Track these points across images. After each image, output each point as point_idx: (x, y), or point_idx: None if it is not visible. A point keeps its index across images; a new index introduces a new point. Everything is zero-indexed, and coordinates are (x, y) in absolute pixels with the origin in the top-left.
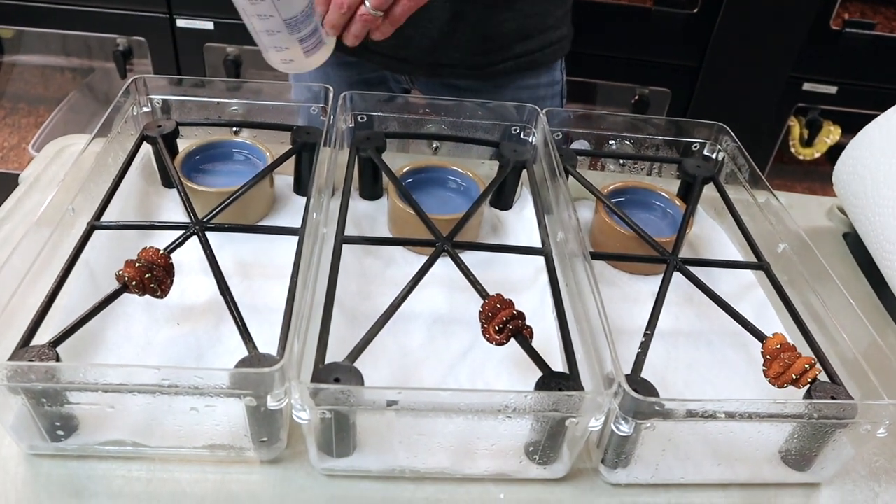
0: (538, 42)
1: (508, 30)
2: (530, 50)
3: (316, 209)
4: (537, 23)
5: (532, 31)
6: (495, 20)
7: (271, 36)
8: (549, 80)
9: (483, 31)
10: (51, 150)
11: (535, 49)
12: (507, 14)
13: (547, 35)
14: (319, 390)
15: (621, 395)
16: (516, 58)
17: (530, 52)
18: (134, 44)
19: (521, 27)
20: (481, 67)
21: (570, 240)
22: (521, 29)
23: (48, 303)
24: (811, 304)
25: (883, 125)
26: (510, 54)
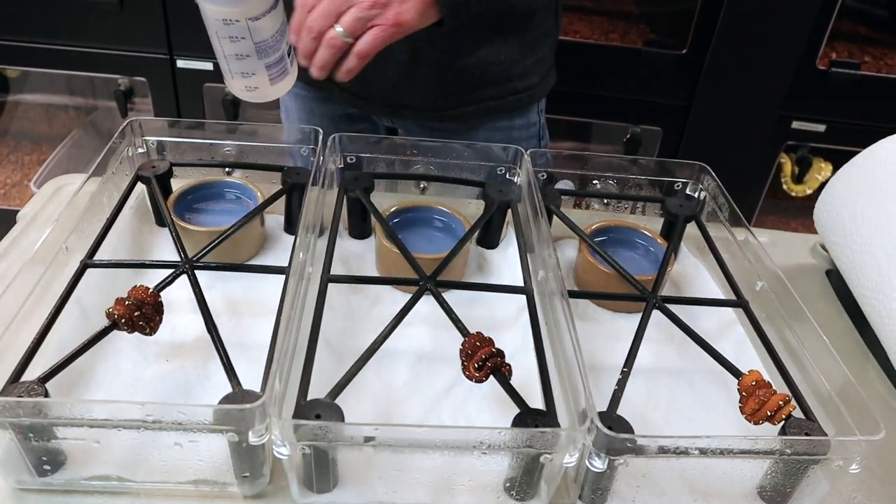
0: (501, 90)
1: (469, 75)
2: (492, 96)
3: (302, 248)
4: (501, 71)
5: (495, 78)
6: (455, 65)
7: (240, 61)
8: (524, 122)
9: (442, 75)
10: (49, 189)
11: (497, 96)
12: (467, 60)
13: (511, 84)
14: (299, 426)
15: (594, 431)
16: (477, 102)
17: (492, 99)
18: (135, 84)
19: (482, 74)
20: (441, 110)
21: (550, 279)
22: (483, 76)
23: (39, 339)
24: (788, 342)
25: (860, 165)
26: (470, 99)
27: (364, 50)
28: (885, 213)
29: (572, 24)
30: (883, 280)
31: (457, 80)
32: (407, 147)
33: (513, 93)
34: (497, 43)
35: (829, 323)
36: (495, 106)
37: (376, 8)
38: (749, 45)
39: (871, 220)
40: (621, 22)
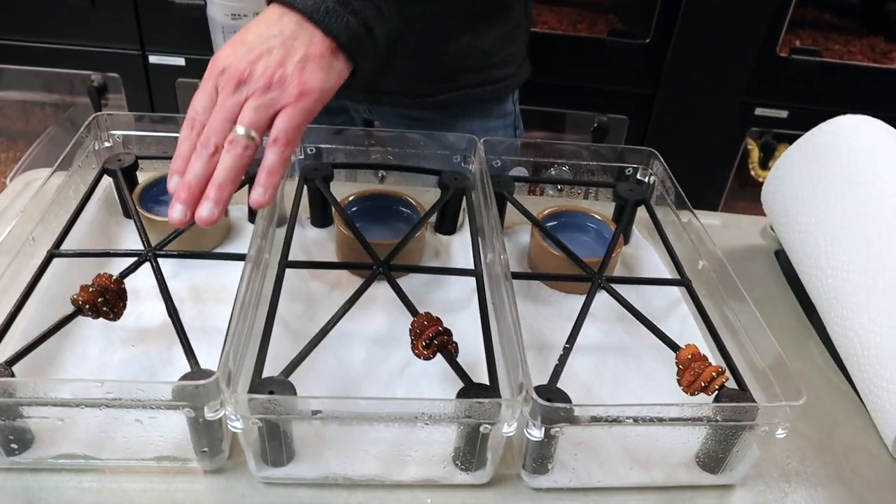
0: (479, 78)
1: (448, 63)
2: (470, 84)
3: (260, 235)
4: (480, 60)
5: (474, 66)
6: (434, 52)
7: None
8: (501, 112)
9: (421, 62)
10: (18, 183)
11: (476, 84)
12: (447, 47)
13: (489, 72)
14: (251, 400)
15: (531, 402)
16: (455, 90)
17: (470, 87)
18: (108, 80)
19: (461, 62)
20: (420, 96)
21: (496, 262)
22: (462, 64)
23: (5, 326)
24: (727, 318)
25: (802, 148)
26: (450, 86)
27: (279, 135)
28: (822, 194)
29: (541, 15)
30: (820, 258)
31: (436, 67)
32: (367, 137)
33: (491, 82)
34: (479, 31)
35: (775, 301)
36: (474, 94)
37: (273, 90)
38: (711, 33)
39: (810, 201)
40: (589, 13)
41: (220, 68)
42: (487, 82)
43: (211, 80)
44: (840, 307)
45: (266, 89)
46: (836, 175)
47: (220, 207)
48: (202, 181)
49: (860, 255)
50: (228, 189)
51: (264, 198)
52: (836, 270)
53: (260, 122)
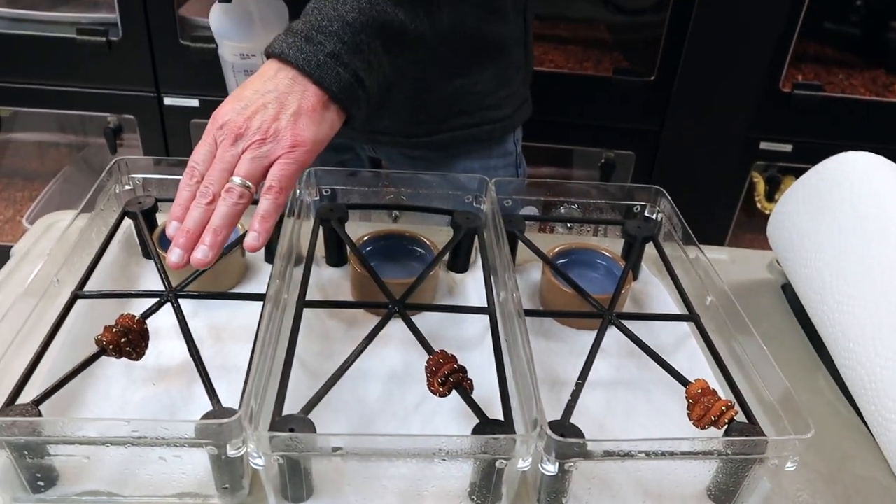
0: (475, 119)
1: (441, 105)
2: (465, 125)
3: (279, 276)
4: (476, 101)
5: (469, 108)
6: (427, 95)
7: None
8: (501, 151)
9: (414, 105)
10: (41, 225)
11: (472, 125)
12: (440, 90)
13: (486, 113)
14: (272, 438)
15: (545, 437)
16: (451, 130)
17: (466, 127)
18: (124, 121)
19: (457, 103)
20: (416, 136)
21: (509, 299)
22: (456, 105)
23: (32, 366)
24: (735, 352)
25: (806, 184)
26: (445, 127)
27: (273, 184)
28: (827, 229)
29: (548, 54)
30: (826, 292)
31: (432, 108)
32: (380, 179)
33: (488, 122)
34: (472, 74)
35: (783, 334)
36: (471, 134)
37: (268, 143)
38: (714, 70)
39: (815, 236)
40: (594, 51)
41: (220, 123)
42: (483, 122)
43: (211, 134)
44: (847, 340)
45: (261, 143)
46: (840, 210)
47: (214, 251)
48: (199, 227)
49: (865, 288)
50: (223, 234)
51: (258, 242)
52: (842, 304)
53: (255, 172)
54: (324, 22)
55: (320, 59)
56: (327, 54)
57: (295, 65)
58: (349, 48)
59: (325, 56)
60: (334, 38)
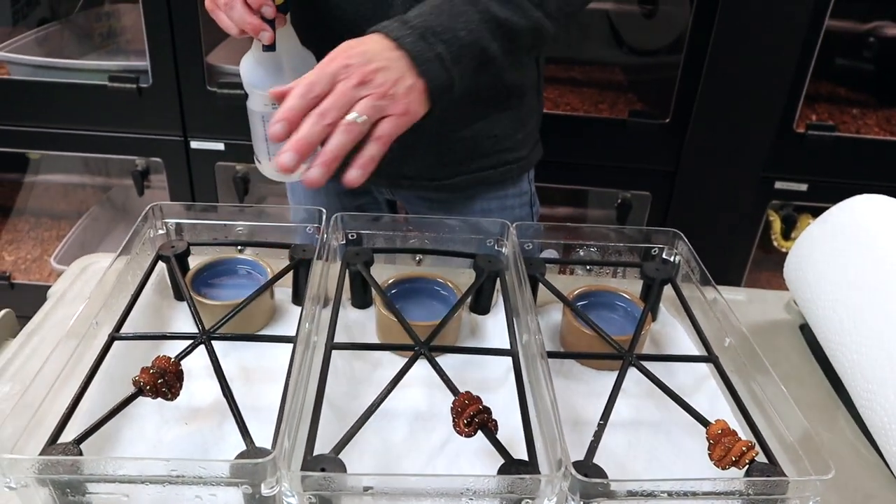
0: (492, 161)
1: (463, 147)
2: (483, 167)
3: (308, 319)
4: (494, 144)
5: (488, 150)
6: (453, 138)
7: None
8: (517, 191)
9: (439, 147)
10: (76, 267)
11: (489, 167)
12: (464, 133)
13: (502, 155)
14: (306, 477)
15: (569, 477)
16: (471, 173)
17: (484, 169)
18: (151, 164)
19: (476, 146)
20: (438, 179)
21: (532, 342)
22: (477, 148)
23: (73, 406)
24: (755, 393)
25: (822, 227)
26: (465, 169)
27: (384, 134)
28: (843, 271)
29: (564, 97)
30: (845, 334)
31: (453, 151)
32: (404, 223)
33: (505, 164)
34: (492, 118)
35: (802, 374)
36: (488, 176)
37: (386, 99)
38: (729, 111)
39: (831, 278)
40: (609, 93)
41: (345, 63)
42: (501, 164)
43: (332, 67)
44: (865, 381)
45: (381, 96)
46: (855, 252)
47: (327, 176)
48: (313, 141)
49: (882, 330)
50: (336, 162)
51: (361, 178)
52: (860, 345)
53: (373, 117)
54: (438, 28)
55: (430, 56)
56: (436, 55)
57: (409, 52)
58: (453, 58)
59: (434, 55)
60: (443, 45)
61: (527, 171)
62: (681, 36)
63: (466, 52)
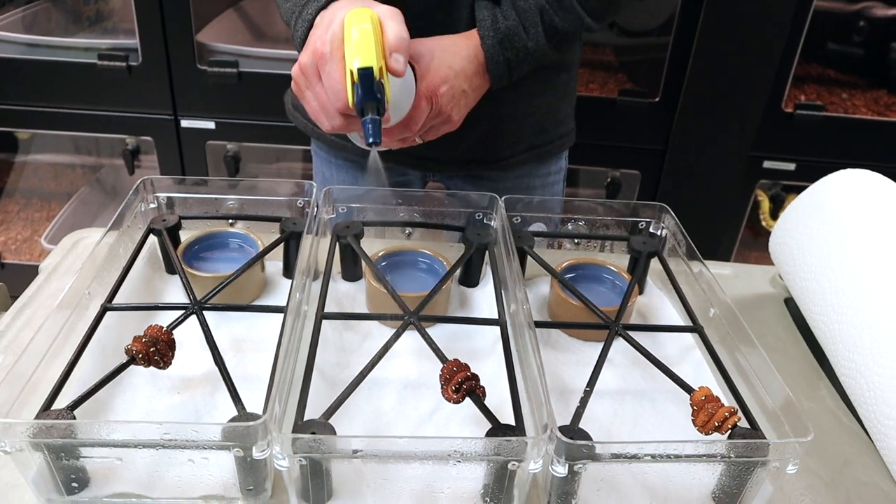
0: (549, 136)
1: (522, 124)
2: (542, 142)
3: (299, 290)
4: (549, 118)
5: (545, 125)
6: (509, 116)
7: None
8: (557, 167)
9: (499, 127)
10: (67, 242)
11: (547, 142)
12: (521, 109)
13: (557, 129)
14: (296, 440)
15: (555, 440)
16: (529, 150)
17: (543, 145)
18: (142, 143)
19: (534, 122)
20: (498, 160)
21: (520, 311)
22: (535, 123)
23: (66, 374)
24: (738, 362)
25: (806, 201)
26: (524, 147)
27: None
28: (827, 244)
29: None
30: (826, 304)
31: (511, 129)
32: (393, 196)
33: (559, 137)
34: (547, 94)
35: (786, 346)
36: (543, 152)
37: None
38: (718, 90)
39: (815, 251)
40: (600, 73)
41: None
42: (555, 139)
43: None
44: (846, 350)
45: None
46: (840, 226)
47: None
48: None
49: (864, 301)
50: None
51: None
52: (842, 316)
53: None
54: (515, 38)
55: (500, 60)
56: (505, 59)
57: (485, 54)
58: (518, 61)
59: (503, 59)
60: (513, 52)
61: (571, 144)
62: (671, 16)
63: (529, 60)
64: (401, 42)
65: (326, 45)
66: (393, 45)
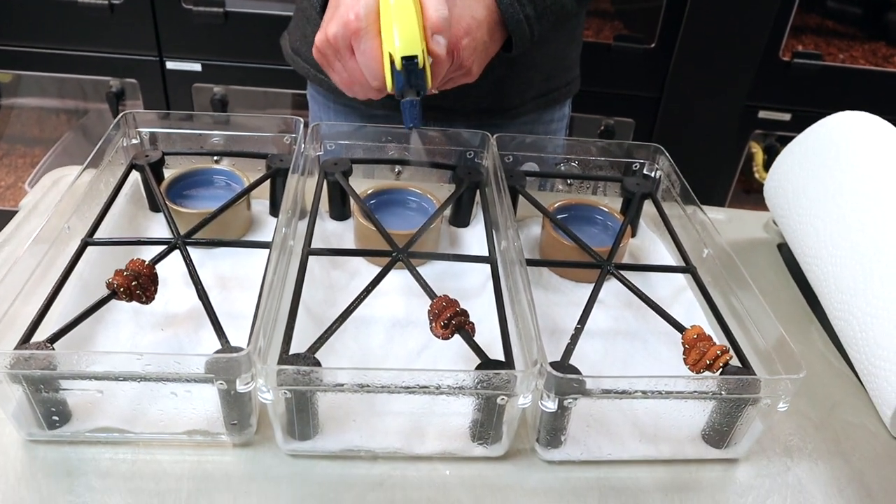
0: (557, 81)
1: (533, 72)
2: (550, 89)
3: (284, 224)
4: (557, 64)
5: (553, 71)
6: (521, 63)
7: None
8: (561, 114)
9: (510, 76)
10: (48, 180)
11: (554, 89)
12: (533, 56)
13: (565, 75)
14: (281, 371)
15: (545, 374)
16: (537, 97)
17: (550, 92)
18: (126, 85)
19: (545, 69)
20: (506, 109)
21: (510, 248)
22: (545, 70)
23: (45, 307)
24: (731, 303)
25: (802, 143)
26: (532, 94)
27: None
28: (822, 186)
29: None
30: (820, 246)
31: (523, 77)
32: (383, 134)
33: (566, 83)
34: (559, 39)
35: (778, 291)
36: (551, 99)
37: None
38: (714, 38)
39: (811, 193)
40: (595, 19)
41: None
42: (562, 85)
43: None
44: (839, 292)
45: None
46: (836, 168)
47: None
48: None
49: (857, 242)
50: None
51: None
52: (835, 258)
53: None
54: None
55: (519, 17)
56: (525, 15)
57: (503, 13)
58: (537, 16)
59: (523, 16)
60: (531, 7)
61: (576, 91)
62: None
63: (549, 13)
64: (443, 22)
65: (361, 20)
66: (435, 24)
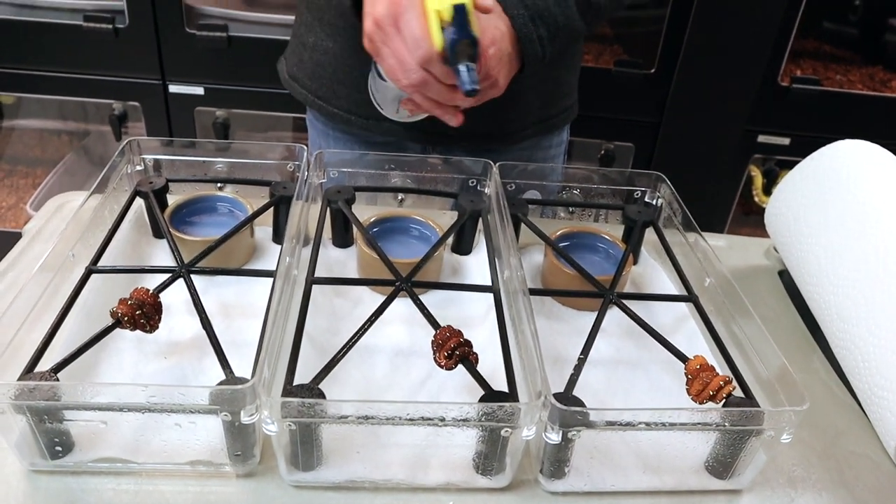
0: (555, 108)
1: (533, 97)
2: (549, 115)
3: (288, 254)
4: (554, 89)
5: (552, 97)
6: (522, 88)
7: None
8: (559, 140)
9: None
10: (51, 205)
11: (553, 115)
12: (534, 81)
13: (563, 101)
14: (285, 403)
15: (549, 407)
16: (538, 122)
17: (549, 118)
18: (129, 108)
19: (541, 93)
20: (506, 134)
21: (514, 278)
22: (542, 95)
23: (49, 337)
24: (734, 332)
25: (803, 171)
26: (533, 119)
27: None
28: (823, 214)
29: None
30: (822, 275)
31: (521, 101)
32: (386, 162)
33: (563, 110)
34: (559, 66)
35: (780, 318)
36: (550, 125)
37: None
38: (714, 63)
39: (811, 221)
40: (595, 44)
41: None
42: (561, 112)
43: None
44: (841, 321)
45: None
46: (836, 196)
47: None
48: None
49: (859, 270)
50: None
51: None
52: (837, 287)
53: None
54: (545, 13)
55: (534, 37)
56: (539, 35)
57: (517, 32)
58: (550, 37)
59: (536, 36)
60: (545, 28)
61: (574, 117)
62: None
63: (561, 34)
64: None
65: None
66: None
